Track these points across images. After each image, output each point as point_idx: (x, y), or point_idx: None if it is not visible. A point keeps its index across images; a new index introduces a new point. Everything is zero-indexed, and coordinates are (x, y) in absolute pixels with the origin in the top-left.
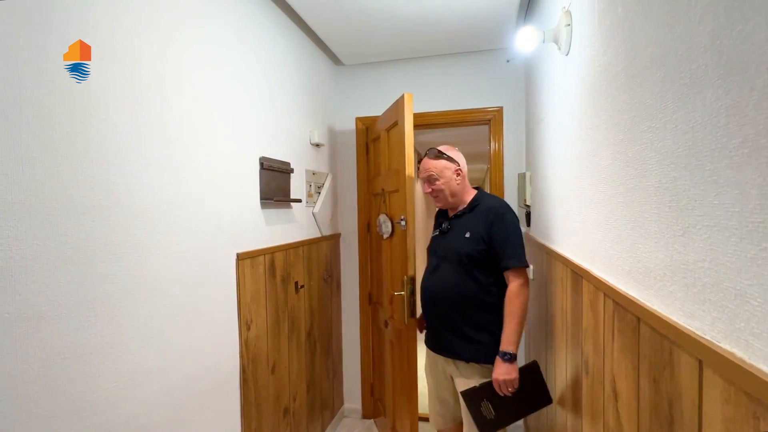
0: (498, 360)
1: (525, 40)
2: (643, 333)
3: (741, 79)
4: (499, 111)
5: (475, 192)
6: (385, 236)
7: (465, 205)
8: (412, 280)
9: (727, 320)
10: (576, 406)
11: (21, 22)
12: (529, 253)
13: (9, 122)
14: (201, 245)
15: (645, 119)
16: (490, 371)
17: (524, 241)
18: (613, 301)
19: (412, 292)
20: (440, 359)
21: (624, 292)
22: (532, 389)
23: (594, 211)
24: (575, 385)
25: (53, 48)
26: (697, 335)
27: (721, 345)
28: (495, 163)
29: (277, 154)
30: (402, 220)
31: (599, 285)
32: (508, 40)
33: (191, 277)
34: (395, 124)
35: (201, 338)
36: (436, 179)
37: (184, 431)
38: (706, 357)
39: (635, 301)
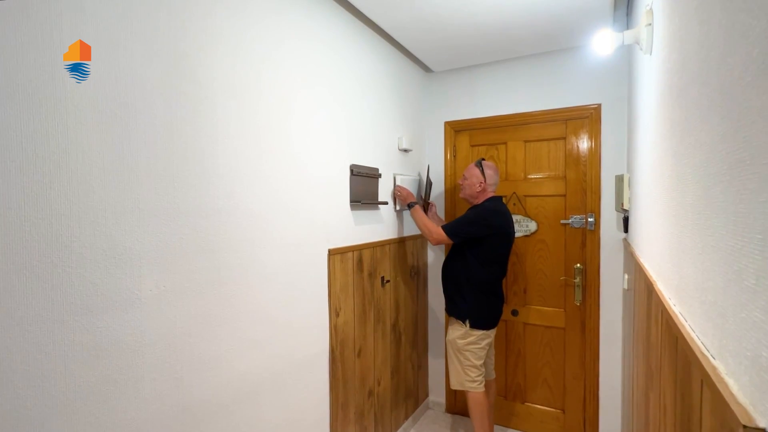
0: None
1: (602, 43)
2: (679, 349)
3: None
4: (597, 108)
5: (486, 199)
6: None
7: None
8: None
9: (720, 337)
10: (647, 425)
11: (183, 74)
12: (624, 263)
13: (167, 151)
14: (299, 241)
15: (686, 135)
16: (461, 325)
17: (623, 247)
18: (664, 316)
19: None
20: None
21: (670, 308)
22: None
23: (660, 222)
24: (646, 400)
25: (196, 91)
26: (703, 353)
27: (713, 362)
28: (591, 164)
29: (367, 161)
30: (590, 216)
31: (658, 299)
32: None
33: (290, 267)
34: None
35: (297, 319)
36: (465, 178)
37: (283, 392)
38: (705, 376)
39: (674, 316)
